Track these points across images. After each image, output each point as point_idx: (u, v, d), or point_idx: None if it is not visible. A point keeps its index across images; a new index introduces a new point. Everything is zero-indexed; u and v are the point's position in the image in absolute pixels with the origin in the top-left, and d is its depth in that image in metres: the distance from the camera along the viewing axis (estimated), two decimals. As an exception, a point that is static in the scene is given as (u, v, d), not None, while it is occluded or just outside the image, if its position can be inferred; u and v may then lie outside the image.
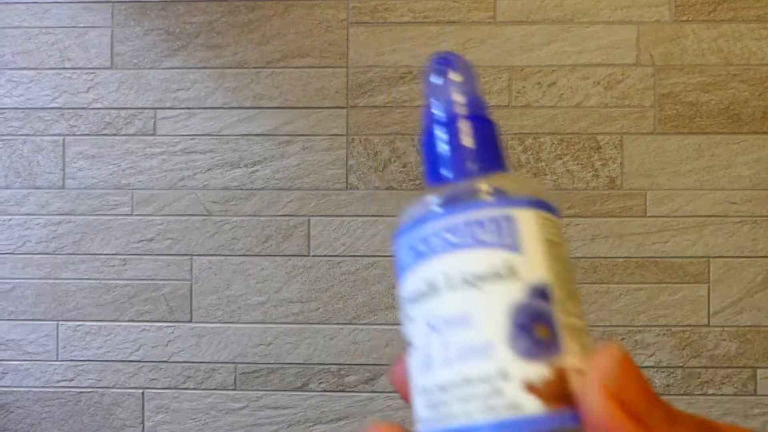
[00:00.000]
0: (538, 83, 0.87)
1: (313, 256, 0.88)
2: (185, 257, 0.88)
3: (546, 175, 0.87)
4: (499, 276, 0.16)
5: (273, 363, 0.88)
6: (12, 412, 0.89)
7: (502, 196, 0.17)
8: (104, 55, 0.89)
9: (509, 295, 0.16)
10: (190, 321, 0.88)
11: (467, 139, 0.18)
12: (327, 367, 0.87)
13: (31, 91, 0.89)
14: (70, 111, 0.89)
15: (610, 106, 0.87)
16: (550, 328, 0.16)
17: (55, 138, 0.89)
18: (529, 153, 0.87)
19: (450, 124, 0.18)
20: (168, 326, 0.88)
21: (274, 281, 0.88)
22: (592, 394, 0.14)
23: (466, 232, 0.16)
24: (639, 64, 0.87)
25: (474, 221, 0.16)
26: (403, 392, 0.19)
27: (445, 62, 0.19)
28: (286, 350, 0.87)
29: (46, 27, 0.90)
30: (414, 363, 0.17)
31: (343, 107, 0.88)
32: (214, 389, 0.88)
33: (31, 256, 0.89)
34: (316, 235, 0.88)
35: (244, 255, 0.88)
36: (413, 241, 0.17)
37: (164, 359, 0.88)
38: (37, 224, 0.89)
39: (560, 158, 0.87)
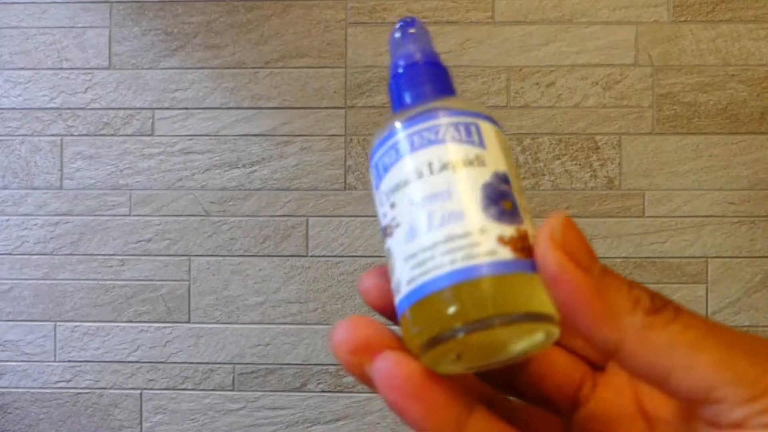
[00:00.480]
0: (537, 83, 0.87)
1: (311, 256, 0.88)
2: (183, 258, 0.88)
3: (544, 175, 0.87)
4: (471, 163, 0.20)
5: (271, 363, 0.87)
6: (10, 413, 0.89)
7: (467, 110, 0.22)
8: (102, 55, 0.89)
9: (480, 177, 0.20)
10: (188, 321, 0.88)
11: (422, 75, 0.24)
12: (325, 367, 0.87)
13: (29, 92, 0.89)
14: (68, 111, 0.89)
15: (609, 106, 0.87)
16: (513, 204, 0.20)
17: (53, 138, 0.89)
18: (528, 153, 0.87)
19: (408, 66, 0.24)
20: (166, 327, 0.88)
21: (273, 282, 0.88)
22: (543, 244, 0.18)
23: (445, 132, 0.21)
24: (637, 64, 0.87)
25: (451, 124, 0.21)
26: (377, 303, 0.21)
27: (403, 23, 0.24)
28: (285, 351, 0.87)
29: (44, 27, 0.89)
30: (397, 239, 0.20)
31: (342, 107, 0.88)
32: (213, 390, 0.88)
33: (28, 256, 0.89)
34: (315, 235, 0.87)
35: (242, 255, 0.88)
36: (394, 146, 0.21)
37: (162, 360, 0.88)
38: (35, 225, 0.89)
39: (558, 158, 0.87)
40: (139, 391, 0.88)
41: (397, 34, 0.24)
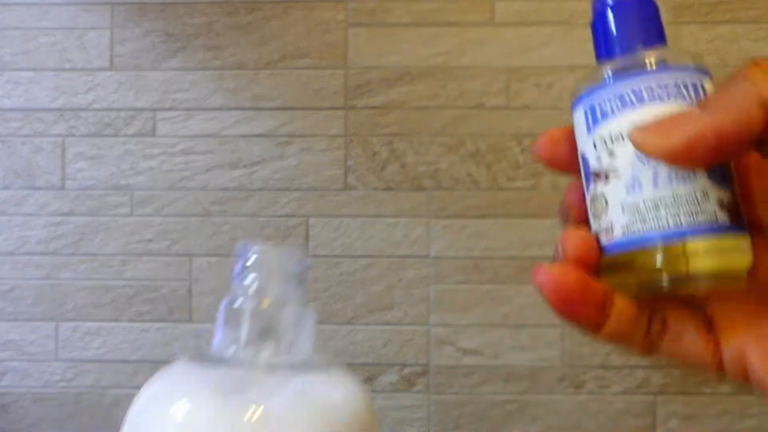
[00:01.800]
0: (537, 84, 0.88)
1: (311, 256, 0.88)
2: (184, 257, 0.88)
3: (544, 175, 0.87)
4: None
5: (272, 363, 0.88)
6: (11, 412, 0.89)
7: (694, 65, 0.23)
8: (104, 56, 0.90)
9: None
10: (190, 321, 0.88)
11: (654, 15, 0.24)
12: (326, 367, 0.87)
13: (31, 92, 0.90)
14: (70, 112, 0.90)
15: (608, 107, 0.88)
16: (730, 169, 0.21)
17: (55, 139, 0.89)
18: (528, 153, 0.88)
19: (620, 5, 0.24)
20: (167, 326, 0.89)
21: (273, 281, 0.88)
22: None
23: (677, 92, 0.22)
24: (636, 65, 0.88)
25: (683, 83, 0.22)
26: (554, 158, 0.27)
27: None
28: (285, 350, 0.88)
29: (46, 28, 0.90)
30: (615, 187, 0.22)
31: (342, 108, 0.88)
32: (214, 389, 0.88)
33: (30, 256, 0.89)
34: (315, 235, 0.88)
35: (243, 255, 0.88)
36: (620, 94, 0.22)
37: (164, 359, 0.88)
38: (37, 225, 0.89)
39: (558, 159, 0.87)
40: (140, 391, 0.89)
41: None
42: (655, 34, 0.24)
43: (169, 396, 0.26)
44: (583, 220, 0.26)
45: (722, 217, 0.21)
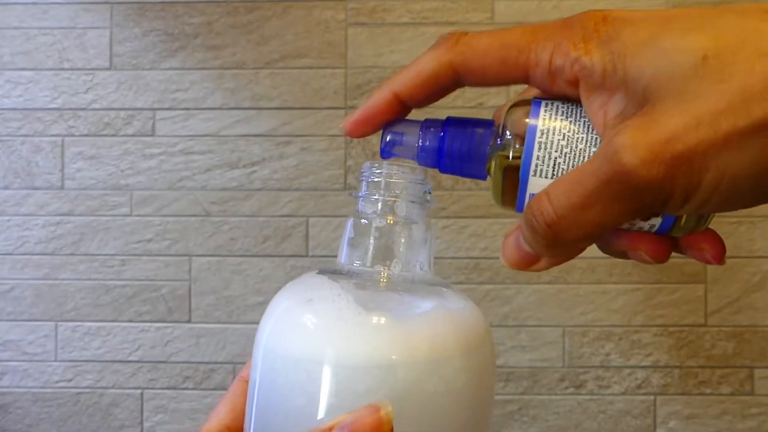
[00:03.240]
0: (536, 84, 0.88)
1: (311, 256, 0.88)
2: (184, 257, 0.88)
3: (544, 175, 0.87)
4: None
5: (272, 363, 0.87)
6: (11, 412, 0.89)
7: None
8: (103, 55, 0.90)
9: None
10: (189, 321, 0.88)
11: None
12: (325, 367, 0.87)
13: (30, 92, 0.90)
14: (69, 112, 0.89)
15: (608, 106, 0.88)
16: None
17: (54, 139, 0.89)
18: (527, 153, 0.87)
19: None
20: (167, 326, 0.88)
21: (273, 281, 0.88)
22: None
23: None
24: (636, 65, 0.88)
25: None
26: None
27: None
28: (285, 350, 0.87)
29: (45, 28, 0.90)
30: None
31: (342, 108, 0.88)
32: (213, 389, 0.88)
33: (29, 256, 0.89)
34: (315, 235, 0.88)
35: (242, 255, 0.88)
36: None
37: (163, 360, 0.88)
38: (36, 225, 0.89)
39: (558, 159, 0.87)
40: (140, 391, 0.89)
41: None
42: None
43: (309, 302, 0.26)
44: None
45: None
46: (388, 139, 0.28)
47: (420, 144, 0.27)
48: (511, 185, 0.25)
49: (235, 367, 0.88)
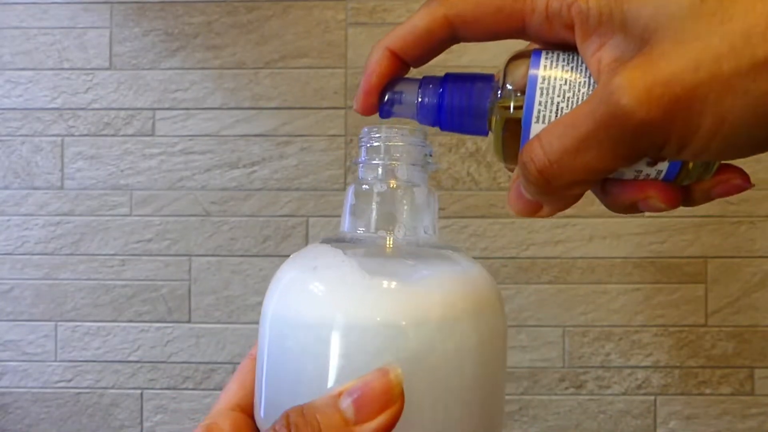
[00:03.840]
0: (536, 84, 0.88)
1: (311, 256, 0.88)
2: (184, 257, 0.88)
3: (544, 175, 0.87)
4: None
5: (272, 363, 0.87)
6: (10, 413, 0.89)
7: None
8: (103, 55, 0.89)
9: None
10: (189, 321, 0.88)
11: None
12: (325, 367, 0.87)
13: (30, 92, 0.89)
14: (69, 111, 0.89)
15: (608, 106, 0.87)
16: None
17: (54, 138, 0.89)
18: (527, 153, 0.87)
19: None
20: (166, 326, 0.88)
21: (273, 281, 0.88)
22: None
23: None
24: (637, 64, 0.88)
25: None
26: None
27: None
28: (285, 350, 0.87)
29: (45, 27, 0.90)
30: None
31: (342, 108, 0.88)
32: (213, 389, 0.88)
33: (29, 256, 0.89)
34: (315, 235, 0.88)
35: (242, 255, 0.88)
36: None
37: (163, 360, 0.88)
38: (36, 225, 0.89)
39: (558, 159, 0.87)
40: (139, 391, 0.89)
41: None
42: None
43: (314, 270, 0.26)
44: None
45: None
46: (386, 98, 0.27)
47: (419, 101, 0.26)
48: (513, 138, 0.24)
49: (235, 367, 0.88)
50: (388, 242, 0.26)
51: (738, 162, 0.24)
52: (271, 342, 0.26)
